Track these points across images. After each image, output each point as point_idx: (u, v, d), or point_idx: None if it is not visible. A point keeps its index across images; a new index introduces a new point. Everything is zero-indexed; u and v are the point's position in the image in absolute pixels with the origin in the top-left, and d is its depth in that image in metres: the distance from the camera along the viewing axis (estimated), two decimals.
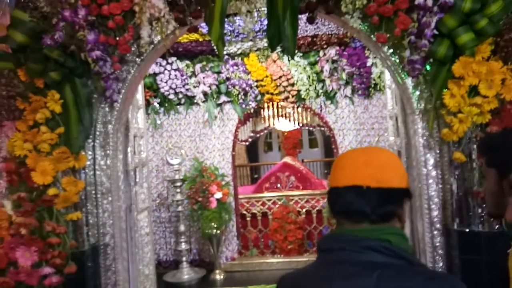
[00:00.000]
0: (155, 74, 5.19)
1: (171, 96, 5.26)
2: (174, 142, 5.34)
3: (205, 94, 5.24)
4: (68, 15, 2.32)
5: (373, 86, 5.08)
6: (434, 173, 2.41)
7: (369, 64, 4.98)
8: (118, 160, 2.68)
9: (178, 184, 5.00)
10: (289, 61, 5.15)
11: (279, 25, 2.22)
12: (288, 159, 6.82)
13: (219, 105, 5.28)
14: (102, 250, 2.52)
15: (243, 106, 5.27)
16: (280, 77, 5.18)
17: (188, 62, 5.26)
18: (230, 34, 4.99)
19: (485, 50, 2.20)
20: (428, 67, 2.33)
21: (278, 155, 9.36)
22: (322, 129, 6.24)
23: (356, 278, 0.95)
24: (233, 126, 5.33)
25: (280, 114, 6.00)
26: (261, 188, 5.97)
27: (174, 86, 5.20)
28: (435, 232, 2.41)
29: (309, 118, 6.37)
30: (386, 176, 1.01)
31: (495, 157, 1.28)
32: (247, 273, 5.06)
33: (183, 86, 5.22)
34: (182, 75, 5.21)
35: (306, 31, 5.05)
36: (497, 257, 1.37)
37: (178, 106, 5.35)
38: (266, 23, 2.30)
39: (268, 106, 5.59)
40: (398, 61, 2.41)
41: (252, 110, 5.40)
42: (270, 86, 5.21)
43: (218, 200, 4.88)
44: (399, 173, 1.05)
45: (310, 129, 7.56)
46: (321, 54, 5.16)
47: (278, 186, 5.93)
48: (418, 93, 2.41)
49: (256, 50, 5.20)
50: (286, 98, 5.27)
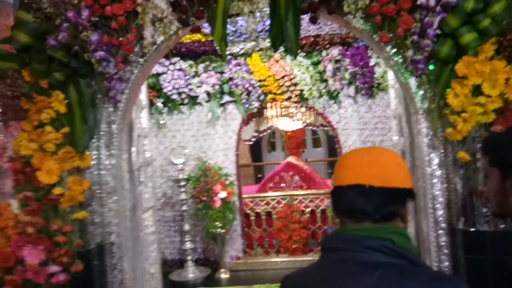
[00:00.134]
0: (158, 74, 5.21)
1: (174, 96, 5.27)
2: (177, 142, 5.35)
3: (208, 94, 5.25)
4: (71, 16, 2.34)
5: (376, 85, 5.06)
6: (438, 172, 2.40)
7: (372, 63, 4.97)
8: (123, 159, 2.69)
9: (182, 183, 5.02)
10: (291, 61, 5.15)
11: (282, 25, 2.23)
12: (292, 159, 6.81)
13: (222, 105, 5.29)
14: (107, 249, 2.53)
15: (246, 106, 5.27)
16: (283, 77, 5.18)
17: (191, 62, 5.26)
18: (232, 34, 5.00)
19: (488, 49, 2.20)
20: (431, 67, 2.33)
21: (282, 155, 9.34)
22: (326, 128, 6.23)
23: (358, 277, 0.95)
24: (236, 126, 5.33)
25: (283, 114, 6.00)
26: (265, 187, 5.98)
27: (177, 86, 5.22)
28: (440, 231, 2.40)
29: (312, 118, 6.37)
30: (389, 176, 1.02)
31: (499, 156, 1.28)
32: (252, 272, 5.07)
33: (186, 86, 5.23)
34: (185, 75, 5.22)
35: (309, 31, 5.05)
36: (502, 256, 1.37)
37: (181, 106, 5.36)
38: (268, 24, 2.31)
39: (271, 106, 5.59)
40: (401, 60, 2.40)
41: (255, 110, 5.41)
42: (273, 86, 5.21)
43: (222, 199, 4.89)
44: (403, 173, 1.05)
45: (314, 128, 7.54)
46: (324, 54, 5.14)
47: (282, 185, 5.93)
48: (421, 92, 2.40)
49: (258, 50, 5.20)
50: (289, 98, 5.27)
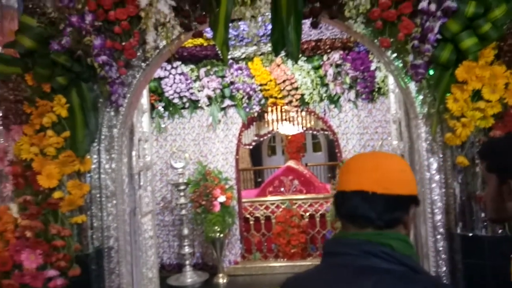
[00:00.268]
0: (160, 78, 5.23)
1: (176, 100, 5.28)
2: (178, 145, 5.36)
3: (209, 98, 5.26)
4: (75, 21, 2.35)
5: (376, 90, 5.08)
6: (437, 177, 2.41)
7: (372, 68, 4.99)
8: (123, 163, 2.70)
9: (182, 187, 5.02)
10: (293, 65, 5.17)
11: (283, 30, 2.24)
12: (291, 163, 6.82)
13: (223, 109, 5.31)
14: (106, 253, 2.53)
15: (247, 110, 5.29)
16: (284, 81, 5.20)
17: (192, 66, 5.28)
18: (234, 39, 5.02)
19: (488, 54, 2.20)
20: (431, 72, 2.33)
21: (282, 159, 9.35)
22: (326, 133, 6.24)
23: (356, 282, 0.95)
24: (237, 130, 5.35)
25: (283, 118, 6.01)
26: (264, 191, 5.98)
27: (178, 90, 5.23)
28: (438, 236, 2.40)
29: (312, 122, 6.38)
30: (393, 182, 1.01)
31: (497, 162, 1.28)
32: (250, 277, 5.07)
33: (188, 90, 5.25)
34: (186, 79, 5.24)
35: (310, 36, 5.07)
36: (500, 261, 1.37)
37: (183, 110, 5.38)
38: (270, 28, 2.32)
39: (272, 110, 5.60)
40: (401, 65, 2.41)
41: (256, 114, 5.42)
42: (274, 90, 5.22)
43: (221, 203, 4.89)
44: (407, 179, 1.04)
45: (314, 133, 7.55)
46: (324, 58, 5.17)
47: (282, 190, 5.93)
48: (421, 97, 2.41)
49: (260, 55, 5.22)
50: (290, 102, 5.29)
